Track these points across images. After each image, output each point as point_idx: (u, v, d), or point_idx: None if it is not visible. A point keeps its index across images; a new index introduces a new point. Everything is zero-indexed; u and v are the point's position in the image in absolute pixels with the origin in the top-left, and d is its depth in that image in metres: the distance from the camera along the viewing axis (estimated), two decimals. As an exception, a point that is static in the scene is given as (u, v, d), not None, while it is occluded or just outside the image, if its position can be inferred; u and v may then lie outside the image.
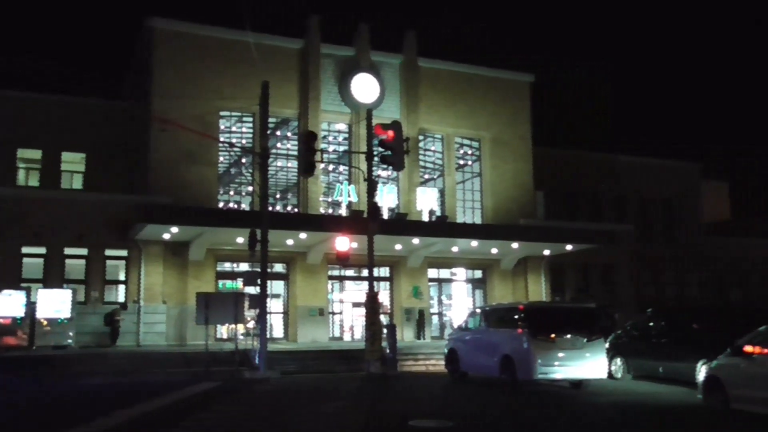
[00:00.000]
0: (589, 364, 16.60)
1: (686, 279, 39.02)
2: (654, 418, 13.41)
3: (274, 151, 29.75)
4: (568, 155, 37.70)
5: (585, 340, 16.67)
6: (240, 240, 24.90)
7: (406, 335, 29.36)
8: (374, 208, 21.25)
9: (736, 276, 40.60)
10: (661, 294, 37.68)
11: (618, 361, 19.34)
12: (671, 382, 17.56)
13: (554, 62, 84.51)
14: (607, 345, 18.37)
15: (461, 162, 33.51)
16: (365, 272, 23.75)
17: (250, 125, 29.64)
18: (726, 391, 12.67)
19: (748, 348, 12.54)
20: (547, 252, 31.41)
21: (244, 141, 30.44)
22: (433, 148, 33.34)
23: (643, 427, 12.52)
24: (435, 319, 32.15)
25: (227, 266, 29.35)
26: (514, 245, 29.61)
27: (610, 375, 18.57)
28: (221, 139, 28.92)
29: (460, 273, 32.90)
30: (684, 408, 14.15)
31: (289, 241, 26.68)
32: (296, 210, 30.79)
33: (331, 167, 32.81)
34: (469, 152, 33.46)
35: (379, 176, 29.77)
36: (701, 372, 14.77)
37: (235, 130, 30.66)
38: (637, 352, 19.09)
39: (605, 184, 37.95)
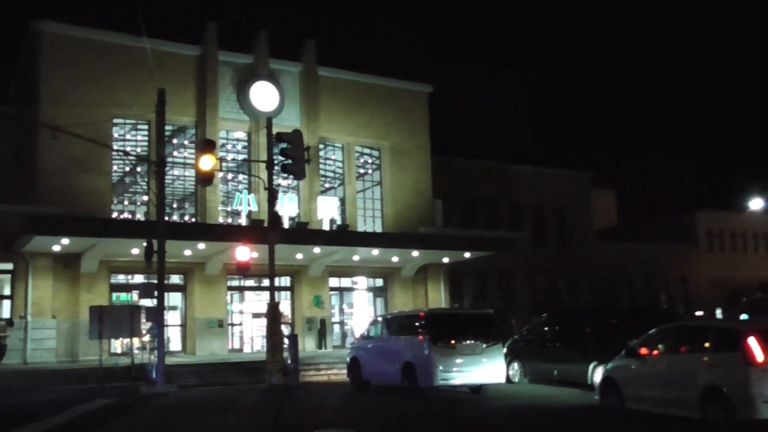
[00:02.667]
0: (487, 369, 16.99)
1: (578, 284, 40.54)
2: (553, 419, 13.84)
3: (170, 159, 29.00)
4: (465, 164, 38.51)
5: (484, 345, 17.06)
6: (135, 251, 24.12)
7: (307, 345, 29.18)
8: (275, 218, 21.04)
9: (624, 280, 42.53)
10: (555, 299, 39.01)
11: (515, 365, 19.85)
12: (565, 384, 18.17)
13: (453, 73, 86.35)
14: (504, 350, 18.83)
15: (361, 171, 33.69)
16: (266, 282, 23.48)
17: (146, 133, 28.80)
18: (621, 392, 13.23)
19: (641, 350, 13.16)
20: (446, 259, 31.95)
21: (139, 149, 29.54)
22: (333, 157, 33.37)
23: (544, 428, 12.89)
24: (336, 328, 32.11)
25: (121, 278, 28.38)
26: (415, 253, 29.97)
27: (508, 379, 19.06)
28: (115, 147, 27.94)
29: (362, 281, 33.02)
30: (581, 409, 14.66)
31: (187, 252, 26.07)
32: (194, 220, 30.12)
33: (230, 176, 32.29)
34: (370, 161, 33.67)
35: (279, 185, 29.49)
36: (598, 373, 15.37)
37: (130, 137, 29.72)
38: (533, 356, 19.66)
39: (501, 193, 38.97)
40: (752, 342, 10.84)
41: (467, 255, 31.30)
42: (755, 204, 50.63)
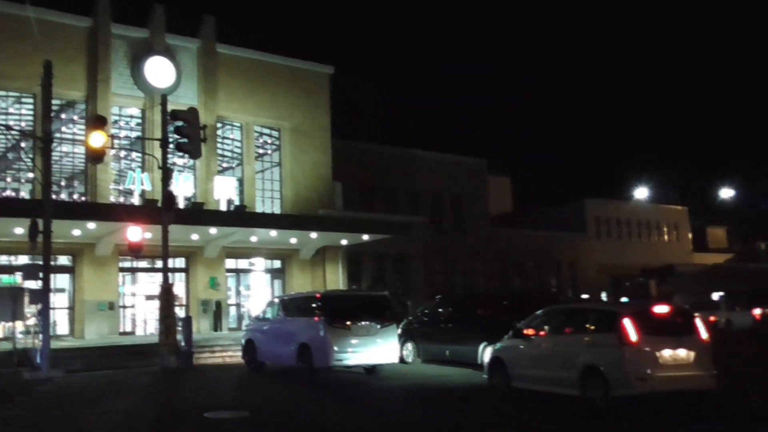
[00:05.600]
0: (382, 350, 17.27)
1: (473, 268, 41.62)
2: (443, 398, 14.22)
3: (58, 135, 27.76)
4: (366, 148, 38.71)
5: (378, 326, 17.31)
6: (19, 231, 23.01)
7: (202, 327, 28.74)
8: (169, 197, 20.54)
9: (516, 265, 43.97)
10: (450, 282, 39.93)
11: (409, 346, 20.23)
12: (457, 364, 18.68)
13: (357, 56, 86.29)
14: (399, 331, 19.17)
15: (261, 151, 33.28)
16: (159, 263, 22.93)
17: (31, 107, 27.44)
18: (508, 371, 13.75)
19: (527, 330, 13.71)
20: (344, 242, 32.09)
21: (23, 124, 28.12)
22: (231, 137, 32.81)
23: (434, 406, 13.23)
24: (233, 310, 31.75)
25: (3, 259, 27.07)
26: (313, 235, 29.94)
27: (402, 360, 19.43)
28: (-3, 120, 26.50)
29: (259, 263, 32.73)
30: (470, 388, 15.12)
31: (76, 232, 25.10)
32: (84, 199, 29.01)
33: (122, 154, 31.22)
34: (269, 141, 33.31)
35: (174, 164, 28.78)
36: (487, 354, 15.89)
37: (13, 111, 28.24)
38: (426, 337, 20.09)
39: (401, 178, 39.41)
40: (627, 323, 11.49)
41: (365, 238, 31.53)
42: (640, 193, 53.36)
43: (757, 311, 36.64)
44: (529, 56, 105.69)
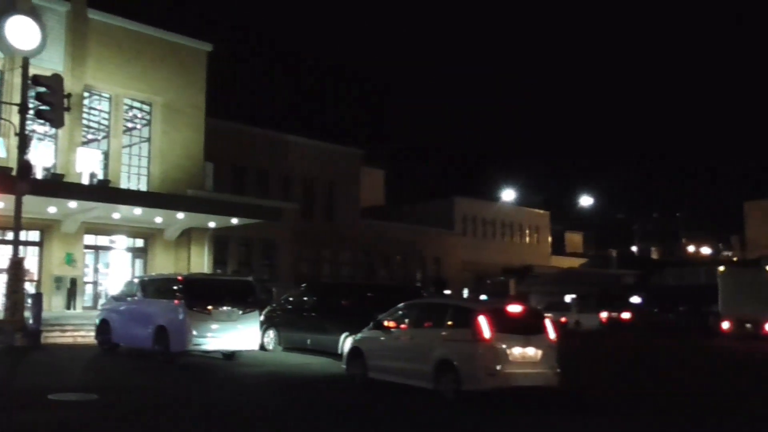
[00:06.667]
0: (242, 336, 17.09)
1: (341, 258, 41.90)
2: (298, 386, 14.24)
3: None
4: (240, 129, 38.08)
5: (240, 312, 17.12)
6: None
7: (55, 305, 27.32)
8: (25, 166, 19.41)
9: (384, 257, 44.61)
10: (318, 270, 40.01)
11: (271, 333, 20.13)
12: (318, 353, 18.76)
13: (242, 36, 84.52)
14: (261, 318, 19.02)
15: (130, 125, 31.99)
16: (10, 236, 21.61)
17: None
18: (366, 362, 13.93)
19: (387, 323, 13.95)
20: (212, 224, 31.41)
21: None
22: (99, 108, 31.34)
23: (287, 395, 13.22)
24: (89, 288, 30.38)
25: None
26: (180, 216, 29.11)
27: (263, 347, 19.30)
28: None
29: (120, 241, 31.49)
30: (327, 377, 15.22)
31: None
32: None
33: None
34: (139, 116, 32.07)
35: (34, 131, 27.16)
36: (347, 344, 16.04)
37: None
38: (289, 325, 20.06)
39: (274, 162, 39.05)
40: (482, 320, 11.93)
41: (235, 221, 31.00)
42: (507, 195, 55.49)
43: (603, 314, 39.08)
44: (413, 54, 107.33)
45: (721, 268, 33.76)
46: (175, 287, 17.24)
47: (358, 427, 10.38)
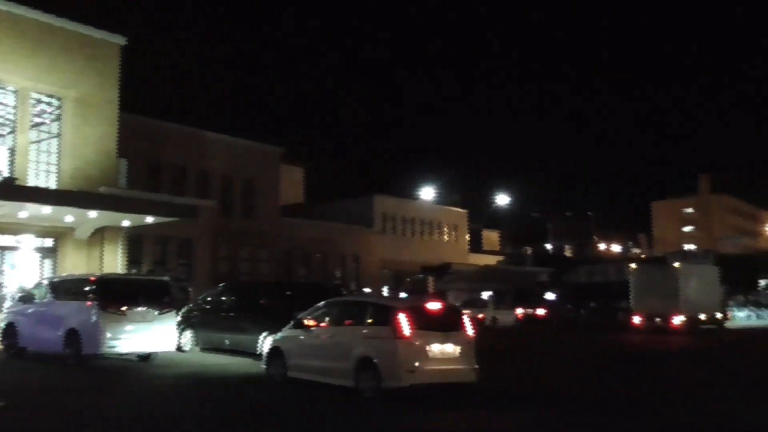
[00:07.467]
0: (158, 337, 16.72)
1: (260, 256, 41.44)
2: (216, 387, 14.03)
3: None
4: (156, 125, 37.13)
5: (156, 312, 16.74)
6: None
7: (-44, 307, 26.04)
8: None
9: (303, 255, 44.38)
10: (236, 269, 39.46)
11: (188, 333, 19.75)
12: (237, 353, 18.51)
13: (151, 29, 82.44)
14: (178, 318, 18.63)
15: (38, 120, 30.72)
16: None
17: None
18: (286, 361, 13.83)
19: (307, 321, 13.88)
20: (126, 223, 30.49)
21: None
22: (4, 101, 29.99)
23: (204, 396, 13.00)
24: (-6, 290, 29.07)
25: None
26: (92, 214, 28.13)
27: (180, 348, 18.90)
28: None
29: (28, 241, 30.20)
30: (246, 378, 15.03)
31: None
32: None
33: None
34: (48, 110, 30.84)
35: (-67, 125, 25.84)
36: (267, 343, 15.88)
37: None
38: (207, 325, 19.71)
39: (192, 158, 38.28)
40: (401, 318, 12.03)
41: (150, 220, 30.17)
42: (426, 194, 56.09)
43: (519, 311, 40.02)
44: (338, 53, 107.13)
45: (633, 266, 35.04)
46: (87, 288, 16.72)
47: (276, 428, 10.29)
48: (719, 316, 33.25)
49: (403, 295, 35.97)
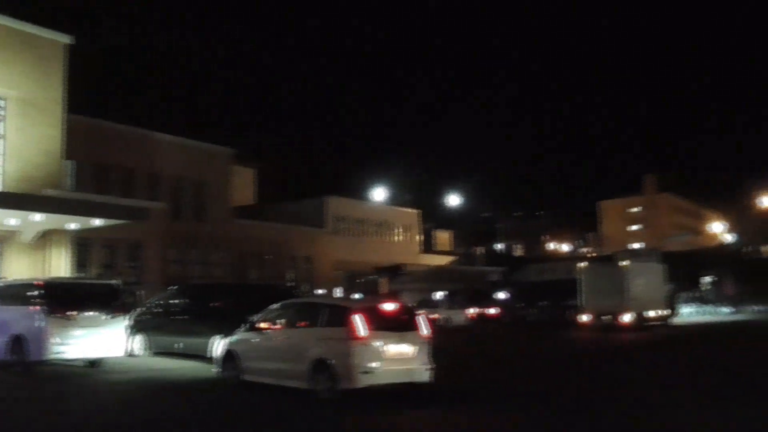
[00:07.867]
0: (107, 342, 16.44)
1: (212, 258, 40.97)
2: (167, 392, 13.82)
3: None
4: (104, 126, 36.46)
5: (105, 317, 16.44)
6: None
7: None
8: None
9: (255, 257, 44.02)
10: (188, 272, 38.92)
11: (139, 338, 19.42)
12: (190, 357, 18.26)
13: (100, 28, 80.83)
14: (129, 322, 18.30)
15: (-20, 121, 29.86)
16: None
17: None
18: (240, 364, 13.70)
19: (261, 324, 13.78)
20: (73, 225, 29.85)
21: None
22: (-55, 101, 29.08)
23: (155, 401, 12.79)
24: (-66, 295, 28.14)
25: None
26: (37, 217, 27.47)
27: (131, 352, 18.57)
28: None
29: (-30, 244, 29.36)
30: (198, 382, 14.85)
31: None
32: None
33: None
34: (-9, 111, 29.99)
35: None
36: (220, 347, 15.71)
37: None
38: (158, 329, 19.42)
39: (140, 160, 37.66)
40: (357, 319, 12.02)
41: (97, 222, 29.59)
42: (378, 194, 56.18)
43: (471, 310, 40.32)
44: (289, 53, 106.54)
45: (582, 264, 35.54)
46: (33, 292, 16.29)
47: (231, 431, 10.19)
48: (666, 312, 33.98)
49: (357, 296, 35.94)
